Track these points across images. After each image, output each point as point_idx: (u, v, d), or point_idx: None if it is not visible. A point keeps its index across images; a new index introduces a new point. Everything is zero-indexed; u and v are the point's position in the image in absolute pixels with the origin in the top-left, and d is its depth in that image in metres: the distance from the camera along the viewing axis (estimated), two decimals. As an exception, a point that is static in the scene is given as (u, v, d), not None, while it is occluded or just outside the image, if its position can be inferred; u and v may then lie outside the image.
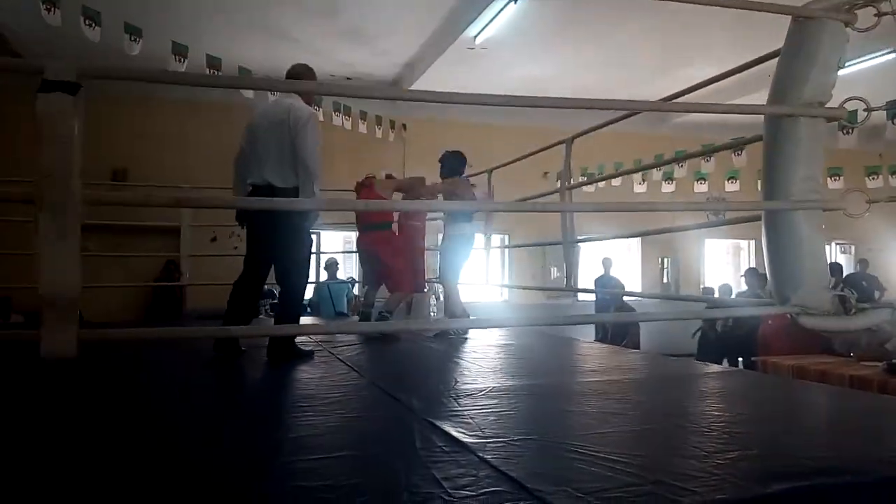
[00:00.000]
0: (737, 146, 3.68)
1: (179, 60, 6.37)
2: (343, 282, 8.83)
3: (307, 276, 3.70)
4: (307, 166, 3.37)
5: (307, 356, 3.51)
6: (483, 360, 3.52)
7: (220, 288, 9.31)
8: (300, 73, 3.63)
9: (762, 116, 2.00)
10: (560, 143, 3.98)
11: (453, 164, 4.98)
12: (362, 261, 5.12)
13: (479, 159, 5.78)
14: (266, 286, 9.58)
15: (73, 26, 5.31)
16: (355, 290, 9.24)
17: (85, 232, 1.40)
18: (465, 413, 2.13)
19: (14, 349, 3.18)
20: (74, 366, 3.08)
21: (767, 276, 1.99)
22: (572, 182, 4.13)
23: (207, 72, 6.59)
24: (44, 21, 5.04)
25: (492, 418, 2.08)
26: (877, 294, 9.48)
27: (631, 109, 3.34)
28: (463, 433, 1.85)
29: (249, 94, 7.26)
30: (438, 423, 1.97)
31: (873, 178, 8.72)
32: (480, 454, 1.65)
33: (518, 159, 4.61)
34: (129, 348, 3.78)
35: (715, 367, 4.01)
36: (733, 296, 9.04)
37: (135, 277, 8.66)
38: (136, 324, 7.11)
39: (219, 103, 8.72)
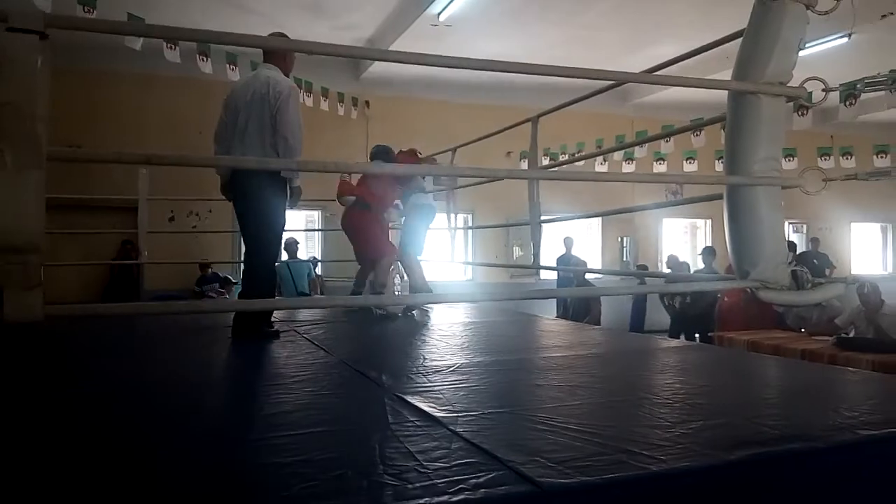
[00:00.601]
0: (696, 127, 3.75)
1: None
2: (304, 261, 8.78)
3: (277, 255, 3.65)
4: (287, 141, 3.30)
5: (272, 336, 3.47)
6: (450, 338, 3.54)
7: (177, 268, 9.07)
8: (275, 43, 3.52)
9: (723, 98, 2.05)
10: (526, 121, 3.99)
11: (388, 160, 4.86)
12: (349, 239, 5.06)
13: (441, 137, 5.77)
14: (212, 270, 9.38)
15: (20, -5, 5.08)
16: (318, 270, 9.19)
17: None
18: (435, 388, 2.16)
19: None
20: (35, 342, 3.03)
21: (728, 252, 2.05)
22: (537, 161, 4.16)
23: (165, 45, 6.41)
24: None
25: (461, 393, 2.10)
26: (827, 271, 9.87)
27: (605, 79, 3.36)
28: (434, 408, 1.87)
29: (208, 68, 7.08)
30: (409, 398, 1.99)
31: (825, 159, 9.03)
32: (452, 427, 1.67)
33: (482, 138, 4.61)
34: (90, 327, 3.71)
35: (674, 342, 4.13)
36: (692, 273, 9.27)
37: (90, 257, 8.42)
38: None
39: (176, 78, 8.48)
